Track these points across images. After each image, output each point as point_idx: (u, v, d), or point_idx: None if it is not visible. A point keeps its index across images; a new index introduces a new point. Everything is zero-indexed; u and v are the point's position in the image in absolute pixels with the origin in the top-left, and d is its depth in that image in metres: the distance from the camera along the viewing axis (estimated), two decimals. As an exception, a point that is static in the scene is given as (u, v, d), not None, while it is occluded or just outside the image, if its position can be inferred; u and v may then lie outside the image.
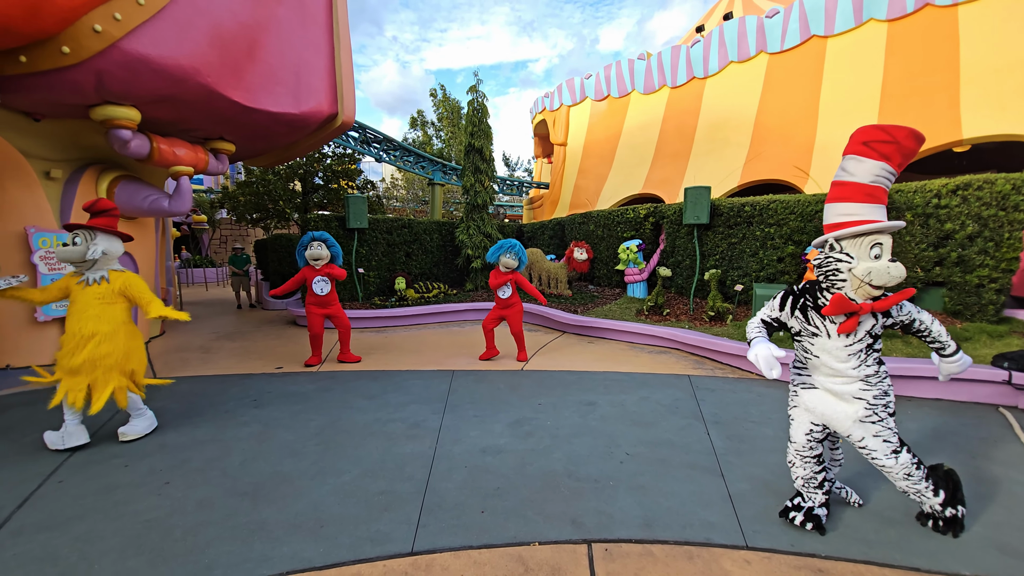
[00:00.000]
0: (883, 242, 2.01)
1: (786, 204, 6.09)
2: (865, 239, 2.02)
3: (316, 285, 5.27)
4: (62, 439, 3.23)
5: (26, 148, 5.23)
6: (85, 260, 3.23)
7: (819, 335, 2.18)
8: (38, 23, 3.74)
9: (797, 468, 2.37)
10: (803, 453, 2.34)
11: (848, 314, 2.08)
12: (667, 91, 15.26)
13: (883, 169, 2.01)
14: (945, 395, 4.13)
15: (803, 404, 2.34)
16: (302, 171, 14.66)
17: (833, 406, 2.22)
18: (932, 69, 9.87)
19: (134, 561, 2.12)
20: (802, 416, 2.35)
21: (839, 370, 2.16)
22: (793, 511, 2.35)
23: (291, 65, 6.17)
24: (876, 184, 2.03)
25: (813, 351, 2.23)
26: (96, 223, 3.29)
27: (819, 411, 2.27)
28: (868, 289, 2.04)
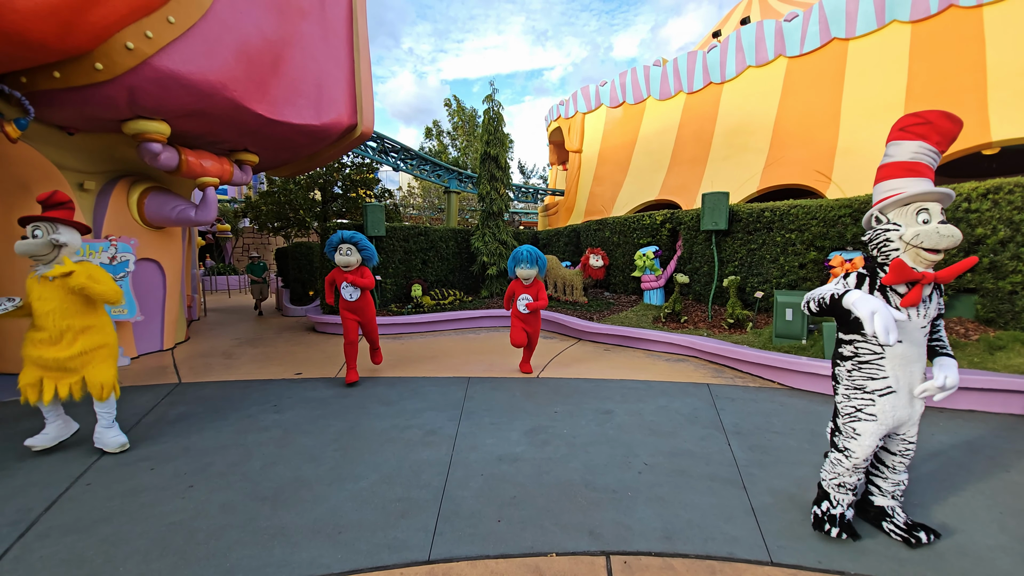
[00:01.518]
0: (930, 207, 1.99)
1: (808, 209, 5.97)
2: (910, 207, 2.02)
3: (344, 291, 4.96)
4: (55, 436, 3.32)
5: (60, 161, 5.46)
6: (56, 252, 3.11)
7: (899, 318, 2.01)
8: (71, 40, 3.91)
9: (844, 477, 2.23)
10: (860, 467, 2.20)
11: (910, 284, 2.04)
12: (683, 97, 15.17)
13: (921, 147, 2.05)
14: (978, 406, 3.97)
15: (880, 413, 2.13)
16: (322, 181, 14.96)
17: (905, 407, 2.12)
18: (958, 71, 9.61)
19: (158, 564, 2.16)
20: (874, 430, 2.14)
21: (916, 357, 2.07)
22: (827, 523, 2.26)
23: (313, 78, 6.33)
24: (916, 160, 2.06)
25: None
26: (55, 215, 3.14)
27: (897, 416, 2.13)
28: (922, 254, 1.98)
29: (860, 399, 2.18)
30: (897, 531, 2.24)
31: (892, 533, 2.25)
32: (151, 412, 4.17)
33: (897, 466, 2.28)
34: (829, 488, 2.30)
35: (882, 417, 2.13)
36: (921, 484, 2.76)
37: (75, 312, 3.18)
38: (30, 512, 2.59)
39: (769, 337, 5.45)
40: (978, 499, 2.61)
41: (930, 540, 2.20)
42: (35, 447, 3.28)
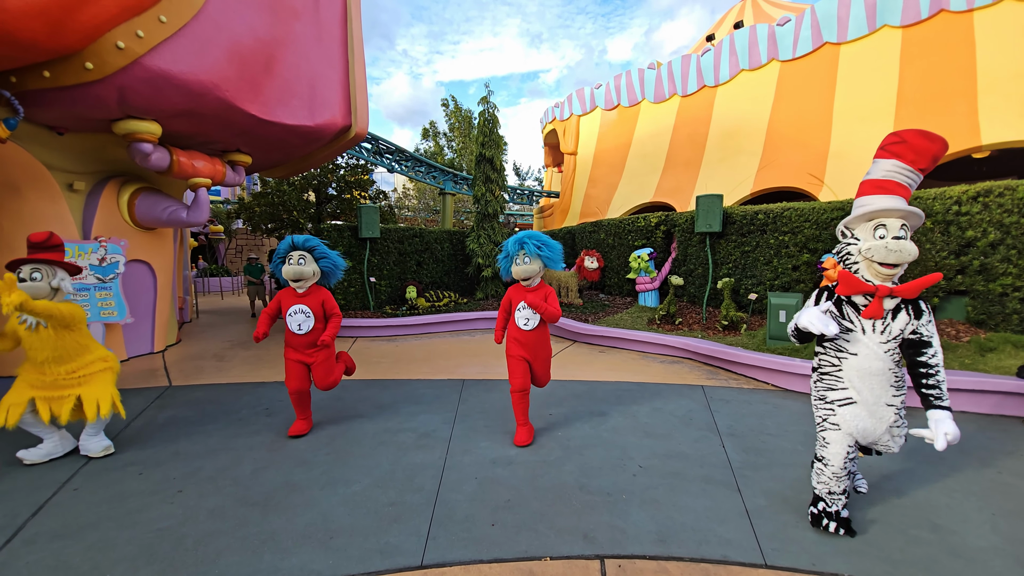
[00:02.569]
0: (887, 223, 2.09)
1: (801, 212, 6.01)
2: (872, 222, 2.13)
3: (292, 319, 3.47)
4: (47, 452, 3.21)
5: (50, 161, 5.39)
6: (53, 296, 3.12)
7: (853, 330, 2.19)
8: (61, 39, 3.86)
9: (830, 485, 2.30)
10: (839, 475, 2.27)
11: (870, 297, 2.15)
12: (678, 100, 15.25)
13: (895, 166, 2.13)
14: (969, 408, 4.00)
15: (842, 423, 2.23)
16: (316, 182, 14.90)
17: (868, 417, 2.20)
18: (949, 75, 9.72)
19: (146, 571, 2.13)
20: (839, 438, 2.25)
21: (877, 370, 2.15)
22: (825, 518, 2.33)
23: (306, 79, 6.29)
24: (887, 179, 2.14)
25: (849, 349, 2.20)
26: (51, 256, 3.13)
27: (859, 427, 2.21)
28: (875, 268, 2.10)
29: (824, 409, 2.32)
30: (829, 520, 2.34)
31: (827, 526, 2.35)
32: (140, 416, 4.11)
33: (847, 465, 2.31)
34: (822, 495, 2.37)
35: (844, 426, 2.24)
36: (913, 486, 2.77)
37: (72, 355, 3.15)
38: (16, 518, 2.54)
39: (763, 339, 5.47)
40: (970, 500, 2.63)
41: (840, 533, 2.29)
42: (26, 460, 3.16)
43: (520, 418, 3.47)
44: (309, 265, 3.50)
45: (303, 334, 3.51)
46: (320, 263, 3.58)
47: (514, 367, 3.44)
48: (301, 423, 3.69)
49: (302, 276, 3.46)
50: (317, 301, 3.56)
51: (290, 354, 3.60)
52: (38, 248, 3.13)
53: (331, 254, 3.63)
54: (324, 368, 3.65)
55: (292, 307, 3.49)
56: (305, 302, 3.51)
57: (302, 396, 3.64)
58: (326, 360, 3.66)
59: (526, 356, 3.45)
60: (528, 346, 3.44)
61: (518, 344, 3.46)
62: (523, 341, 3.44)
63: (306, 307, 3.51)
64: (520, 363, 3.44)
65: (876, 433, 2.21)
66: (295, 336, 3.52)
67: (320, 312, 3.57)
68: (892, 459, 3.12)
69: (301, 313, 3.50)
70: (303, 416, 3.71)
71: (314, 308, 3.53)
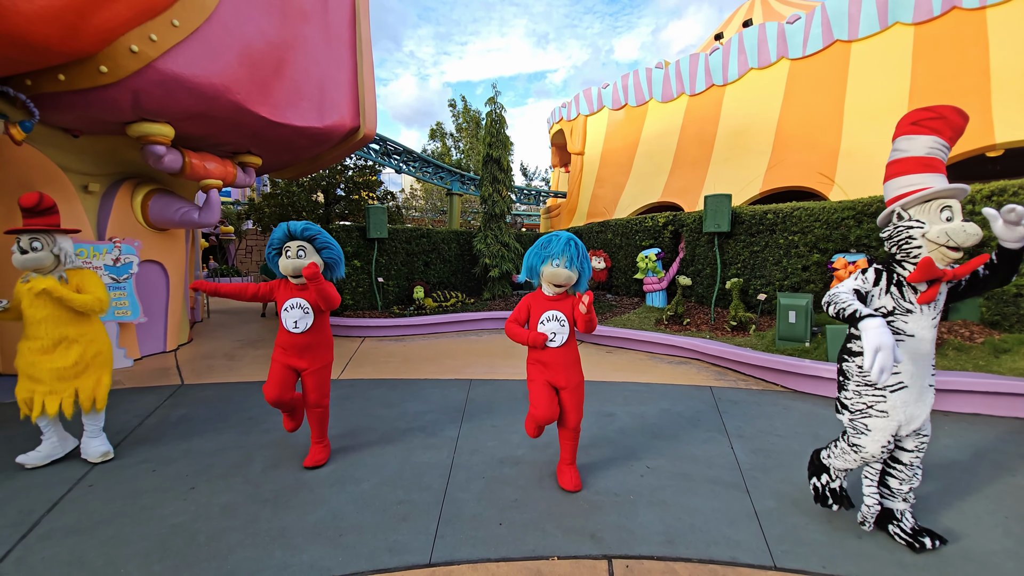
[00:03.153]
0: (952, 205, 1.98)
1: (811, 211, 5.95)
2: (933, 203, 2.00)
3: (287, 315, 3.02)
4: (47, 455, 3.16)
5: (65, 163, 5.49)
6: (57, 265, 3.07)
7: (913, 312, 2.07)
8: (76, 43, 3.92)
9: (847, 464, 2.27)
10: (873, 466, 2.21)
11: (930, 282, 2.03)
12: (685, 99, 15.16)
13: (936, 142, 2.03)
14: (983, 409, 3.94)
15: (891, 409, 2.09)
16: (325, 183, 15.02)
17: (916, 402, 2.10)
18: (962, 73, 9.58)
19: (159, 566, 2.16)
20: (884, 425, 2.11)
21: (926, 351, 2.08)
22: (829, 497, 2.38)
23: (315, 81, 6.35)
24: (932, 156, 2.04)
25: (907, 331, 2.09)
26: (47, 223, 3.03)
27: (908, 413, 2.09)
28: (947, 252, 1.97)
29: (872, 395, 2.14)
30: (902, 535, 2.22)
31: (896, 537, 2.23)
32: (153, 414, 4.17)
33: (913, 462, 2.21)
34: (831, 466, 2.34)
35: (894, 413, 2.10)
36: (926, 488, 2.74)
37: (69, 320, 3.07)
38: (32, 514, 2.59)
39: (772, 340, 5.43)
40: (983, 503, 2.59)
41: (935, 546, 2.18)
42: (26, 465, 3.11)
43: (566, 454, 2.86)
44: (310, 257, 3.02)
45: (300, 333, 3.03)
46: (323, 254, 3.10)
47: (538, 393, 2.71)
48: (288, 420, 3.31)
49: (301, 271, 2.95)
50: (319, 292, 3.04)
51: (279, 355, 3.09)
52: (32, 213, 2.98)
53: (334, 243, 3.15)
54: (320, 378, 3.12)
55: (288, 301, 3.03)
56: (304, 295, 3.03)
57: (284, 406, 3.12)
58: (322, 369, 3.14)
59: (553, 382, 2.74)
60: (555, 368, 2.72)
61: (542, 367, 2.75)
62: (548, 362, 2.73)
63: (304, 301, 3.02)
64: (546, 389, 2.72)
65: (921, 418, 2.12)
66: (289, 335, 3.05)
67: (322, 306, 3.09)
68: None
69: (299, 308, 3.02)
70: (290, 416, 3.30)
71: (315, 303, 3.04)
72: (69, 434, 3.34)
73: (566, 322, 2.71)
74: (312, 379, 3.11)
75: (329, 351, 3.21)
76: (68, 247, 3.12)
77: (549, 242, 2.73)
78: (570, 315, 2.73)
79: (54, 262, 3.05)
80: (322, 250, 3.10)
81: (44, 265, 3.01)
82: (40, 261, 2.98)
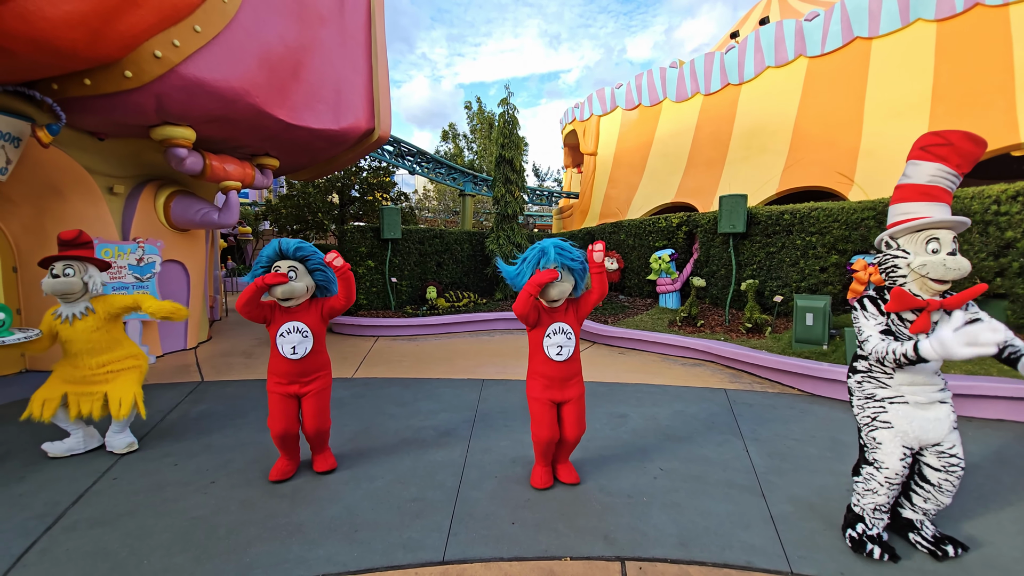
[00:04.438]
0: (940, 236, 1.97)
1: (829, 212, 5.85)
2: (920, 234, 2.01)
3: (284, 341, 2.76)
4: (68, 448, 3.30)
5: (91, 165, 5.65)
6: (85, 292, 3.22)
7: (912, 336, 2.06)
8: (101, 48, 4.04)
9: (878, 496, 2.15)
10: (893, 481, 2.10)
11: (918, 311, 2.03)
12: (700, 98, 15.01)
13: (939, 170, 2.01)
14: (1008, 416, 3.83)
15: (895, 422, 2.09)
16: (340, 184, 15.22)
17: (925, 417, 2.08)
18: (986, 71, 9.32)
19: (180, 558, 2.22)
20: (892, 438, 2.10)
21: (929, 370, 2.07)
22: (869, 543, 2.17)
23: (332, 83, 6.45)
24: (933, 184, 2.03)
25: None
26: (82, 254, 3.22)
27: (915, 426, 2.07)
28: (929, 284, 1.99)
29: (874, 407, 2.17)
30: (924, 543, 2.18)
31: (918, 545, 2.19)
32: (175, 409, 4.27)
33: (943, 484, 2.11)
34: (864, 512, 2.22)
35: (897, 424, 2.09)
36: (948, 495, 2.68)
37: (104, 348, 3.29)
38: (57, 506, 2.67)
39: (788, 342, 5.35)
40: (1007, 511, 2.53)
41: (957, 554, 2.15)
42: (50, 453, 3.26)
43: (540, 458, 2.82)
44: (302, 280, 2.76)
45: (298, 359, 2.76)
46: (315, 276, 2.83)
47: (540, 413, 2.65)
48: (286, 462, 2.96)
49: (293, 294, 2.74)
50: (316, 315, 2.84)
51: (275, 385, 2.82)
52: (68, 245, 3.21)
53: (324, 268, 2.85)
54: (320, 402, 2.89)
55: (285, 325, 2.74)
56: (300, 318, 2.76)
57: (289, 441, 2.88)
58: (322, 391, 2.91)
59: (555, 398, 2.67)
60: (558, 383, 2.66)
61: (545, 381, 2.67)
62: (552, 376, 2.64)
63: (303, 325, 2.76)
64: (548, 408, 2.65)
65: (935, 431, 2.06)
66: (286, 363, 2.75)
67: (321, 327, 2.86)
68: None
69: (296, 333, 2.74)
70: (290, 455, 2.97)
71: (313, 325, 2.79)
72: (96, 431, 3.47)
73: (572, 334, 2.67)
74: (312, 403, 2.87)
75: (329, 372, 3.02)
76: (97, 277, 3.28)
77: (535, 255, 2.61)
78: (576, 325, 2.70)
79: (83, 289, 3.20)
80: (314, 272, 2.83)
81: (73, 291, 3.15)
82: (70, 286, 3.12)
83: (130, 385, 3.35)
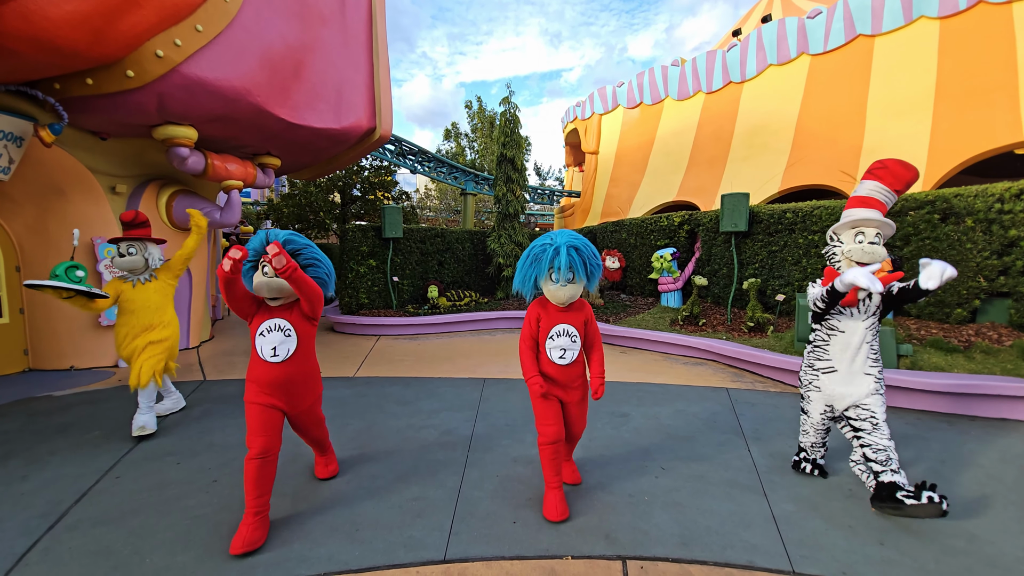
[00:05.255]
0: (865, 231, 2.57)
1: (831, 210, 5.83)
2: (852, 229, 2.61)
3: (264, 341, 2.38)
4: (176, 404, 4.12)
5: (93, 165, 5.67)
6: (146, 267, 3.77)
7: (843, 313, 2.65)
8: (103, 48, 4.05)
9: (809, 436, 2.91)
10: (816, 426, 2.84)
11: None
12: (702, 97, 14.98)
13: (877, 186, 2.62)
14: (1010, 415, 3.82)
15: (824, 387, 2.73)
16: (341, 183, 15.24)
17: (849, 384, 2.64)
18: (989, 68, 9.29)
19: (183, 556, 2.23)
20: (818, 399, 2.78)
21: (856, 345, 2.61)
22: (805, 463, 2.95)
23: (333, 83, 6.45)
24: (871, 196, 2.63)
25: (839, 327, 2.66)
26: (141, 234, 3.73)
27: (838, 391, 2.67)
28: (854, 266, 2.56)
29: (810, 374, 2.81)
30: (908, 496, 2.30)
31: (906, 499, 2.29)
32: (181, 407, 4.28)
33: (863, 427, 2.58)
34: (804, 446, 2.98)
35: (825, 389, 2.72)
36: (949, 494, 2.67)
37: (153, 311, 3.78)
38: (60, 504, 2.68)
39: (791, 341, 5.34)
40: (1009, 510, 2.52)
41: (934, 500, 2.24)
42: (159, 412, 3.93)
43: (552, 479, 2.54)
44: None
45: (280, 362, 2.39)
46: (308, 272, 2.48)
47: (544, 410, 2.51)
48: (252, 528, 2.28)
49: (282, 293, 2.39)
50: (301, 313, 2.46)
51: (255, 394, 2.39)
52: (129, 226, 3.70)
53: (323, 259, 2.55)
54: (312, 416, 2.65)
55: (265, 323, 2.38)
56: (284, 315, 2.42)
57: (267, 468, 2.33)
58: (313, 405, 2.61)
59: (559, 395, 2.57)
60: (560, 386, 2.54)
61: (548, 382, 2.52)
62: (556, 378, 2.52)
63: (286, 322, 2.40)
64: (552, 404, 2.52)
65: (853, 396, 2.61)
66: (266, 367, 2.38)
67: (308, 329, 2.50)
68: (926, 466, 3.02)
69: (278, 332, 2.38)
70: (258, 508, 2.32)
71: (297, 324, 2.43)
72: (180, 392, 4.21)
73: (577, 337, 2.48)
74: (303, 421, 2.62)
75: (318, 382, 2.66)
76: (155, 252, 3.84)
77: (543, 252, 2.36)
78: (582, 328, 2.53)
79: (144, 264, 3.75)
80: (308, 267, 2.50)
81: (137, 266, 3.72)
82: (135, 263, 3.70)
83: (151, 359, 3.71)
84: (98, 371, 5.62)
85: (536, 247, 2.42)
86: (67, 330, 5.64)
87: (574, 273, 2.36)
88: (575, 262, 2.34)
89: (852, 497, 2.67)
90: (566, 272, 2.34)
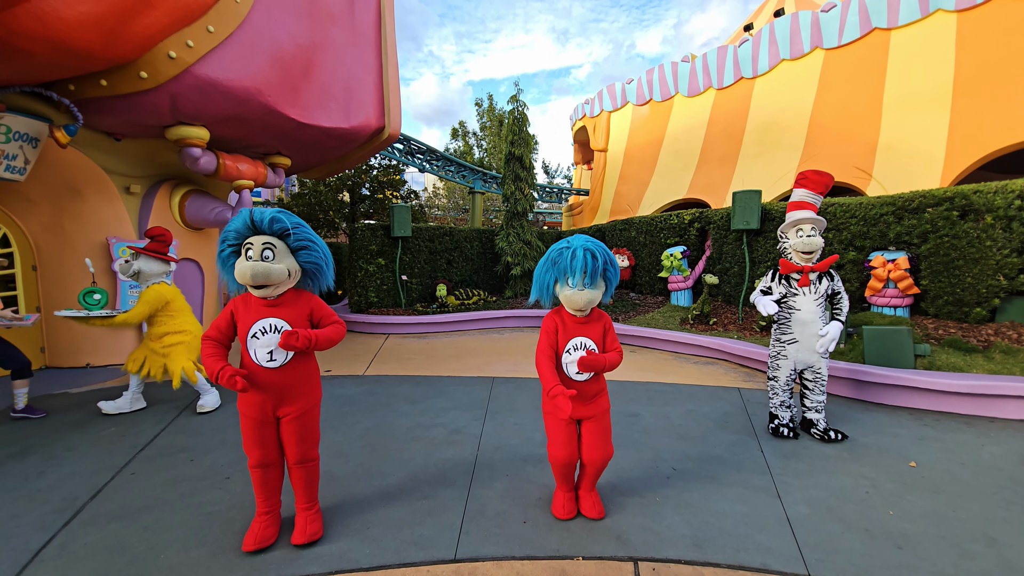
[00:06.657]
0: (803, 228, 3.38)
1: (846, 207, 5.73)
2: (793, 227, 3.43)
3: (257, 344, 2.12)
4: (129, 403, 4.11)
5: (108, 165, 5.75)
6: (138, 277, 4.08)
7: (798, 295, 3.41)
8: (116, 49, 4.10)
9: (779, 397, 3.53)
10: (784, 387, 3.51)
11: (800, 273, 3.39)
12: (713, 93, 14.81)
13: (806, 193, 3.47)
14: (1035, 417, 3.73)
15: (789, 354, 3.46)
16: (350, 182, 15.31)
17: (804, 351, 3.41)
18: (1009, 62, 9.06)
19: (197, 552, 2.25)
20: (787, 364, 3.48)
21: (810, 320, 3.36)
22: (783, 429, 3.48)
23: (342, 82, 6.47)
24: (803, 200, 3.46)
25: (796, 306, 3.42)
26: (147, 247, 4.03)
27: (800, 358, 3.44)
28: (800, 255, 3.38)
29: (778, 346, 3.52)
30: (817, 434, 3.43)
31: (815, 434, 3.44)
32: (190, 405, 4.33)
33: (815, 387, 3.46)
34: (776, 410, 3.56)
35: (790, 356, 3.46)
36: (967, 498, 2.61)
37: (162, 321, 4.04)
38: (76, 500, 2.72)
39: (803, 340, 5.26)
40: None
41: (839, 438, 3.38)
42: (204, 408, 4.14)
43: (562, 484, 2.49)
44: (281, 260, 2.08)
45: (275, 368, 2.12)
46: (300, 256, 2.15)
47: (556, 431, 2.37)
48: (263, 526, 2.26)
49: (269, 280, 2.05)
50: (301, 312, 2.17)
51: (248, 406, 2.16)
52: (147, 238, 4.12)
53: (318, 241, 2.21)
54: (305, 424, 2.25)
55: (258, 324, 2.09)
56: (279, 314, 2.11)
57: (271, 473, 2.26)
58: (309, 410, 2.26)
59: (573, 414, 2.31)
60: (577, 400, 2.30)
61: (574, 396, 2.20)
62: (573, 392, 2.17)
63: (283, 323, 2.11)
64: (564, 425, 2.36)
65: (809, 361, 3.42)
66: (260, 374, 2.12)
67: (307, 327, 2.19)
68: (944, 469, 2.95)
69: (275, 333, 2.10)
70: (268, 508, 2.29)
71: (298, 323, 2.14)
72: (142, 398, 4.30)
73: (596, 351, 2.33)
74: (294, 427, 2.22)
75: (317, 386, 2.32)
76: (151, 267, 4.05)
77: (560, 255, 2.26)
78: (600, 340, 2.36)
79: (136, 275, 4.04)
80: (299, 251, 2.14)
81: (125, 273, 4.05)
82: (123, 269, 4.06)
83: (177, 359, 4.04)
84: (113, 368, 5.71)
85: (553, 251, 2.33)
86: (83, 328, 5.73)
87: (592, 277, 2.23)
88: (594, 265, 2.21)
89: (867, 500, 2.62)
90: (587, 276, 2.21)
